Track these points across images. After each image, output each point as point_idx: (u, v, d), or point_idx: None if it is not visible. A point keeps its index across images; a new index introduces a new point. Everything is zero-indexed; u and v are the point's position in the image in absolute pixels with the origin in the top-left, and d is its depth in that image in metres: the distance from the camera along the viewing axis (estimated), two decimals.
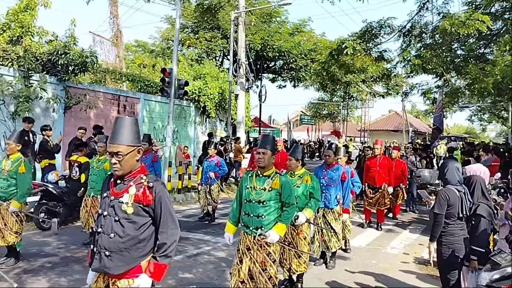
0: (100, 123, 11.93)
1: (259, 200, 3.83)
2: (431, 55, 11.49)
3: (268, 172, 3.91)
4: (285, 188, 3.86)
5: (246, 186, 3.95)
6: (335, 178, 5.95)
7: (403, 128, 37.07)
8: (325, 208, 5.93)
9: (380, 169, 8.67)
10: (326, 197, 5.88)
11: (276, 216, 3.87)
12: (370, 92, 28.15)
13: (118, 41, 18.56)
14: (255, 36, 21.56)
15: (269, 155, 3.89)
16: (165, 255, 2.62)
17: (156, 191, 2.61)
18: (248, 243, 3.84)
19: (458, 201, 3.95)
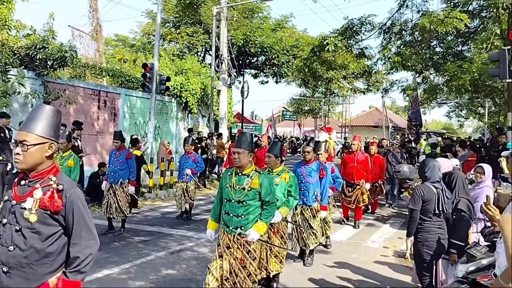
0: (80, 119, 11.75)
1: (239, 200, 3.76)
2: (410, 53, 11.72)
3: (247, 171, 3.82)
4: (265, 187, 3.79)
5: (226, 185, 3.87)
6: (314, 175, 5.87)
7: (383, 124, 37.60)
8: (303, 205, 5.86)
9: (358, 165, 8.62)
10: (304, 194, 5.81)
11: (256, 215, 3.82)
12: (351, 88, 28.45)
13: (98, 36, 18.23)
14: (237, 31, 21.50)
15: (245, 154, 3.78)
16: (77, 271, 2.20)
17: (67, 195, 2.20)
18: (227, 241, 3.80)
19: (434, 198, 4.06)
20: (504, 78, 8.25)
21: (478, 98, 23.37)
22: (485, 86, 16.29)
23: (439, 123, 62.39)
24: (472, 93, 18.14)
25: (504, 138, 10.04)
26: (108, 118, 14.00)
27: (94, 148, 13.14)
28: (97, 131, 13.49)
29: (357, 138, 9.34)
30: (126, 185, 7.51)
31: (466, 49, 15.42)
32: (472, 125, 50.64)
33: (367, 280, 5.56)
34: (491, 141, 14.17)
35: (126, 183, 7.49)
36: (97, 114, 13.52)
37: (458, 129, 53.39)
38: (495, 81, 15.05)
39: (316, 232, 5.87)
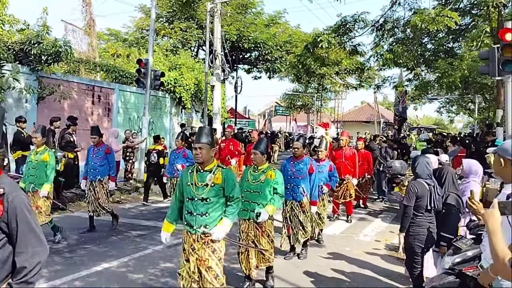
0: (74, 114, 11.79)
1: (202, 197, 3.60)
2: (402, 50, 11.89)
3: (209, 167, 3.67)
4: (228, 181, 3.65)
5: (187, 183, 3.69)
6: (303, 171, 5.84)
7: (375, 119, 37.96)
8: (292, 201, 5.86)
9: (345, 160, 8.70)
10: (294, 189, 5.82)
11: (221, 212, 3.67)
12: (343, 84, 28.65)
13: (91, 30, 18.20)
14: (231, 27, 21.55)
15: (207, 149, 3.62)
16: (25, 281, 2.02)
17: (9, 200, 2.01)
18: (192, 242, 3.64)
19: (427, 194, 4.24)
20: (494, 75, 8.42)
21: (469, 94, 23.71)
22: (475, 83, 16.57)
23: (430, 118, 63.01)
24: (463, 90, 18.42)
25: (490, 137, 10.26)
26: (102, 113, 14.04)
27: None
28: (92, 126, 13.48)
29: (345, 133, 9.35)
30: (106, 182, 7.27)
31: (457, 46, 15.65)
32: (463, 121, 51.24)
33: (360, 272, 5.74)
34: (481, 137, 14.48)
35: (106, 180, 7.25)
36: (91, 109, 13.56)
37: (448, 125, 53.96)
38: (485, 78, 15.32)
39: (306, 227, 5.85)
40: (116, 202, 10.04)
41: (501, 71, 7.95)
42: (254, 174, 4.78)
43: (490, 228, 2.03)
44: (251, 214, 4.63)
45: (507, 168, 2.48)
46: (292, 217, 5.86)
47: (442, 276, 3.76)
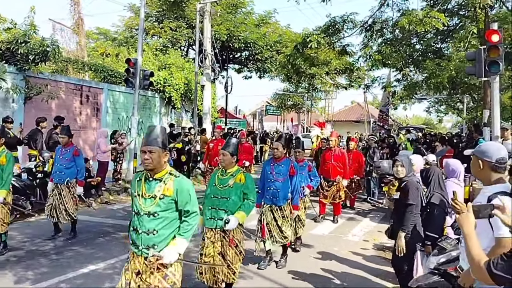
0: (61, 114, 11.67)
1: (149, 211, 3.03)
2: (391, 51, 11.98)
3: (159, 174, 3.10)
4: (182, 192, 3.07)
5: (134, 194, 3.14)
6: (283, 173, 5.49)
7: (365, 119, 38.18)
8: (272, 206, 5.51)
9: (335, 161, 8.57)
10: (274, 194, 5.49)
11: (173, 229, 3.10)
12: (333, 84, 28.80)
13: (80, 29, 18.04)
14: (221, 26, 21.51)
15: (159, 152, 3.05)
16: None
17: None
18: (138, 266, 3.05)
19: (421, 192, 4.31)
20: (480, 76, 8.51)
21: (457, 94, 23.96)
22: (462, 83, 16.76)
23: (419, 118, 63.54)
24: (450, 90, 18.62)
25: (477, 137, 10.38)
26: (90, 113, 13.91)
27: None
28: (80, 126, 13.40)
29: (334, 134, 9.21)
30: (74, 185, 6.75)
31: (445, 47, 15.82)
32: (451, 120, 51.73)
33: (348, 272, 5.77)
34: (468, 137, 14.65)
35: (73, 183, 6.74)
36: (80, 109, 13.43)
37: (437, 124, 54.47)
38: (472, 79, 15.49)
39: (284, 232, 5.49)
40: (105, 203, 9.97)
41: (488, 72, 8.04)
42: (222, 178, 4.29)
43: (465, 232, 2.05)
44: (218, 222, 4.15)
45: (485, 170, 2.51)
46: (271, 221, 5.51)
47: (427, 276, 3.80)
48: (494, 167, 2.49)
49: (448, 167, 4.94)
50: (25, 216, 7.74)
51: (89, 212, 8.78)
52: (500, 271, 1.80)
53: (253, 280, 5.30)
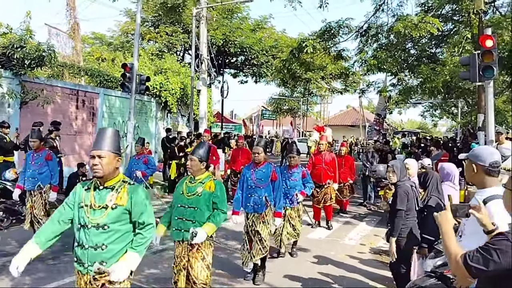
0: (57, 119, 11.64)
1: (98, 223, 2.71)
2: (386, 56, 12.06)
3: (111, 182, 2.81)
4: (137, 202, 2.78)
5: (80, 205, 2.81)
6: (264, 179, 5.23)
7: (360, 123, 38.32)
8: (254, 213, 5.23)
9: (325, 165, 8.48)
10: (255, 200, 5.20)
11: (125, 244, 2.79)
12: (328, 88, 28.89)
13: (75, 34, 18.01)
14: (217, 31, 21.57)
15: (110, 158, 2.76)
16: None
17: None
18: (83, 286, 2.77)
19: (413, 196, 4.34)
20: (474, 81, 8.58)
21: (451, 99, 24.12)
22: (457, 87, 16.90)
23: (414, 122, 63.78)
24: (445, 94, 18.75)
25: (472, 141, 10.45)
26: (86, 118, 13.89)
27: (72, 149, 13.04)
28: (75, 131, 13.38)
29: (324, 138, 9.09)
30: (47, 191, 6.48)
31: (439, 52, 15.94)
32: (446, 125, 52.04)
33: (345, 276, 5.79)
34: (463, 141, 14.75)
35: (46, 189, 6.46)
36: (75, 114, 13.41)
37: (432, 129, 54.73)
38: (467, 83, 15.62)
39: (264, 242, 5.17)
40: None
41: (482, 76, 8.11)
42: (190, 186, 3.92)
43: (443, 230, 2.14)
44: (185, 234, 3.80)
45: (479, 174, 2.55)
46: (253, 231, 5.22)
47: (424, 279, 3.82)
48: (488, 171, 2.53)
49: (443, 171, 5.00)
50: (21, 221, 7.69)
51: None
52: (475, 263, 1.88)
53: (248, 282, 5.32)
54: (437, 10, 12.86)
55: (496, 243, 1.90)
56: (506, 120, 27.18)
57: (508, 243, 1.85)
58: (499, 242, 1.89)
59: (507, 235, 1.88)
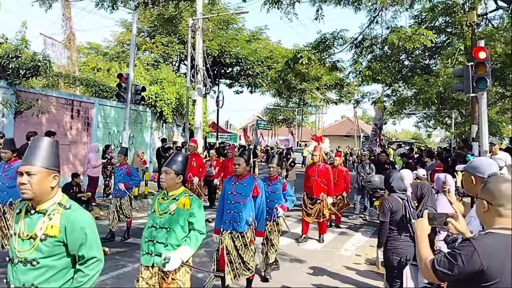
0: (52, 129, 11.59)
1: (25, 257, 2.20)
2: (380, 67, 12.18)
3: (43, 205, 2.28)
4: (74, 231, 2.24)
5: (11, 232, 2.38)
6: (245, 193, 4.76)
7: (355, 133, 38.53)
8: (233, 231, 4.73)
9: (318, 177, 8.00)
10: (234, 217, 4.72)
11: (62, 283, 2.27)
12: (323, 99, 29.09)
13: (71, 44, 18.06)
14: (213, 42, 21.69)
15: (43, 175, 2.25)
16: None
17: None
18: None
19: (401, 208, 4.33)
20: (468, 92, 8.67)
21: (445, 109, 24.31)
22: (450, 98, 17.07)
23: (408, 132, 64.21)
24: (439, 105, 18.93)
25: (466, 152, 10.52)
26: (81, 128, 13.85)
27: (66, 159, 12.97)
28: (70, 141, 13.33)
29: (317, 149, 8.51)
30: None
31: (433, 63, 16.12)
32: (440, 135, 52.34)
33: (340, 287, 5.76)
34: (457, 152, 14.84)
35: None
36: (70, 124, 13.37)
37: (426, 139, 55.03)
38: (460, 94, 15.78)
39: (247, 264, 4.75)
40: (95, 218, 9.85)
41: (475, 88, 8.20)
42: (163, 203, 3.42)
43: (418, 235, 2.30)
44: (156, 259, 3.30)
45: (478, 185, 2.57)
46: (232, 250, 4.71)
47: None
48: None
49: (439, 181, 5.01)
50: None
51: None
52: (442, 268, 2.02)
53: None
54: (431, 22, 13.03)
55: (461, 249, 1.99)
56: (499, 131, 27.40)
57: (472, 248, 1.95)
58: (464, 248, 1.99)
59: (472, 241, 1.98)
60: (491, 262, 1.92)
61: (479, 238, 2.05)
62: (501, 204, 2.04)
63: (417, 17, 13.97)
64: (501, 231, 2.02)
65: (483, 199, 2.10)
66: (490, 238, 2.02)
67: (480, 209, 2.13)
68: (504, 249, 1.96)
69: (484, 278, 1.93)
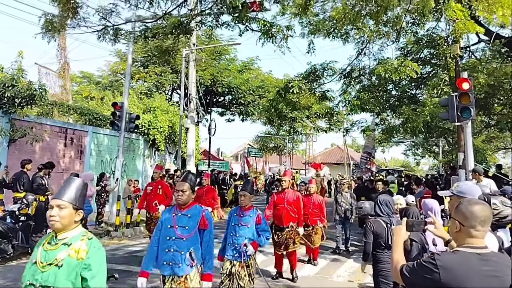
0: (45, 157, 11.67)
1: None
2: (368, 97, 12.58)
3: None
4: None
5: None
6: (190, 227, 3.85)
7: (345, 161, 38.88)
8: (173, 276, 3.80)
9: (288, 205, 7.12)
10: (175, 257, 3.78)
11: None
12: (313, 127, 29.53)
13: (65, 73, 18.32)
14: (205, 72, 22.15)
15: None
16: None
17: None
18: None
19: (384, 231, 4.52)
20: (453, 121, 9.01)
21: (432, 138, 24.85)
22: (437, 127, 17.54)
23: (397, 160, 64.79)
24: (426, 134, 19.37)
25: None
26: (74, 156, 13.92)
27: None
28: (63, 169, 13.37)
29: (288, 173, 7.79)
30: None
31: (419, 93, 16.63)
32: (428, 163, 53.01)
33: None
34: (445, 179, 15.13)
35: None
36: (63, 152, 13.45)
37: (415, 167, 55.65)
38: (446, 123, 16.22)
39: None
40: None
41: (460, 117, 8.54)
42: (49, 250, 2.48)
43: (395, 240, 2.56)
44: None
45: None
46: None
47: None
48: None
49: (426, 206, 5.21)
50: (6, 260, 7.60)
51: None
52: (407, 273, 2.28)
53: None
54: (416, 54, 13.54)
55: (425, 262, 2.23)
56: (485, 159, 27.95)
57: (434, 263, 2.17)
58: (428, 261, 2.22)
59: (436, 257, 2.20)
60: (450, 278, 2.12)
61: (444, 255, 2.26)
62: (472, 226, 2.22)
63: (403, 49, 14.52)
64: (467, 250, 2.20)
65: (456, 220, 2.29)
66: (454, 256, 2.22)
67: (453, 229, 2.32)
68: (467, 266, 2.15)
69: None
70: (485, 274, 2.14)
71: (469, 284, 2.11)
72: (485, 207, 2.30)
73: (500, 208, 3.73)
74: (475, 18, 7.95)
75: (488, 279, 2.14)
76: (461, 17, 6.61)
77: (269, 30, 8.99)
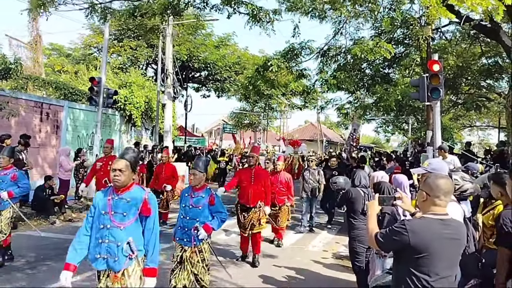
0: (21, 131, 11.53)
1: None
2: (344, 76, 12.95)
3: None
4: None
5: None
6: (129, 213, 3.27)
7: (318, 138, 39.72)
8: (108, 271, 3.27)
9: (255, 183, 6.73)
10: (110, 248, 3.22)
11: None
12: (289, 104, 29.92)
13: (37, 46, 17.83)
14: (181, 47, 21.96)
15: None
16: None
17: None
18: None
19: (362, 198, 4.98)
20: (423, 101, 9.47)
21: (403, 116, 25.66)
22: (408, 106, 18.19)
23: (368, 137, 66.36)
24: (397, 112, 20.05)
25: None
26: (50, 131, 13.78)
27: (35, 161, 12.88)
28: (39, 144, 13.25)
29: (255, 150, 7.40)
30: None
31: (392, 72, 17.16)
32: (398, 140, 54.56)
33: (309, 279, 6.32)
34: (414, 156, 15.88)
35: None
36: (39, 127, 13.30)
37: (385, 143, 57.23)
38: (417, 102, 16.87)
39: None
40: (68, 220, 10.00)
41: (430, 97, 9.00)
42: None
43: (369, 213, 2.97)
44: None
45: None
46: None
47: (384, 276, 4.39)
48: None
49: (396, 181, 5.66)
50: None
51: (53, 230, 8.84)
52: (381, 239, 2.64)
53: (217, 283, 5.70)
54: (390, 33, 13.93)
55: (396, 227, 2.58)
56: (452, 136, 29.14)
57: (403, 227, 2.53)
58: (398, 227, 2.58)
59: (405, 222, 2.60)
60: (418, 240, 2.52)
61: (412, 221, 2.68)
62: (437, 196, 2.64)
63: (378, 28, 14.89)
64: (432, 216, 2.63)
65: (423, 191, 2.70)
66: (421, 221, 2.64)
67: (420, 198, 2.73)
68: (431, 230, 2.56)
69: (414, 251, 2.53)
70: (446, 237, 2.58)
71: (433, 244, 2.53)
72: (448, 181, 2.73)
73: (460, 183, 4.21)
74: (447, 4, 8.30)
75: (448, 241, 2.58)
76: (434, 4, 6.97)
77: (256, 15, 9.17)
